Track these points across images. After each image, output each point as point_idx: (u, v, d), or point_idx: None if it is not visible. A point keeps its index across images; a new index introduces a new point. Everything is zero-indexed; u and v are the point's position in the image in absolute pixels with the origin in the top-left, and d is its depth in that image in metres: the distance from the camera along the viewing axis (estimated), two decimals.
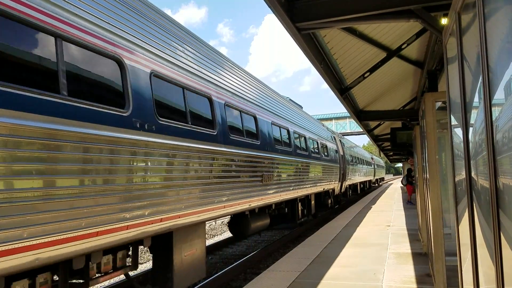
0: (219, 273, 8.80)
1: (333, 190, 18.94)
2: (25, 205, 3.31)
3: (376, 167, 47.04)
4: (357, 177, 27.96)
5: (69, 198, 3.69)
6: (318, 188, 15.38)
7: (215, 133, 6.76)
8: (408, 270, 7.01)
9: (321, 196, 17.31)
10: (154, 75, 5.28)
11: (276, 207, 11.35)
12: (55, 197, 3.55)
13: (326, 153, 16.94)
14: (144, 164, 4.88)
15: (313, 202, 15.43)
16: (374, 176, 45.07)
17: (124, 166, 4.51)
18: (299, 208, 13.48)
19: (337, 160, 19.49)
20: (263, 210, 10.43)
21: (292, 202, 12.86)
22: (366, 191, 37.62)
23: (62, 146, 3.62)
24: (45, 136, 3.47)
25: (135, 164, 4.72)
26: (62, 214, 3.62)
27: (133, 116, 4.68)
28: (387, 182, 72.65)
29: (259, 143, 8.85)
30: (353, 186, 29.09)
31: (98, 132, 4.10)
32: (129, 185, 4.54)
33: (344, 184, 21.61)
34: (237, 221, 9.68)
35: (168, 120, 5.42)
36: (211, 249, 12.18)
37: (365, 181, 36.58)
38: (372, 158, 43.16)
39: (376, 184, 52.10)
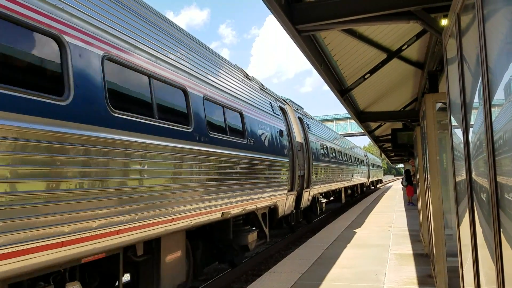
0: (221, 275, 8.79)
1: (275, 208, 10.18)
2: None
3: (371, 167, 39.45)
4: (334, 181, 18.49)
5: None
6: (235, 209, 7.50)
7: (190, 130, 5.88)
8: (409, 271, 7.00)
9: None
10: (108, 58, 4.45)
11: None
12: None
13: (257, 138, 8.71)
14: (86, 165, 3.93)
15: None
16: (369, 178, 36.70)
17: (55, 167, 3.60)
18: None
19: (288, 152, 10.71)
20: None
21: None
22: (355, 199, 28.65)
23: None
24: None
25: (70, 164, 3.75)
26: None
27: (73, 105, 3.83)
28: (387, 183, 70.04)
29: None
30: (337, 192, 21.08)
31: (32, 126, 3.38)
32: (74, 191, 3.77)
33: (307, 194, 13.22)
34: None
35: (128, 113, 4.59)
36: None
37: (354, 186, 27.17)
38: (365, 156, 36.04)
39: (372, 187, 44.22)
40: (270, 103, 10.56)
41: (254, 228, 9.21)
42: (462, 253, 3.06)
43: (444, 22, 5.26)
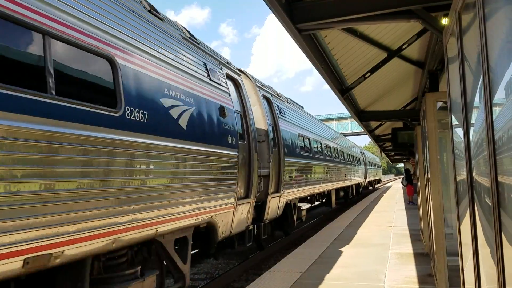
0: (222, 274, 8.80)
1: (213, 226, 6.74)
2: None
3: (369, 166, 36.47)
4: (321, 183, 15.19)
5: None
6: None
7: (118, 115, 4.30)
8: (410, 270, 7.00)
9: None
10: None
11: None
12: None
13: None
14: None
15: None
16: (366, 178, 33.04)
17: None
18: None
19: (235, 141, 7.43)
20: None
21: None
22: (350, 202, 25.18)
23: None
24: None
25: None
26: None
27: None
28: (386, 182, 69.42)
29: None
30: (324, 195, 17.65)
31: None
32: None
33: (275, 201, 9.84)
34: None
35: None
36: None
37: (348, 187, 23.69)
38: (362, 153, 32.98)
39: (370, 188, 41.10)
40: (205, 64, 7.01)
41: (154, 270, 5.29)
42: (462, 252, 3.05)
43: (444, 21, 5.25)
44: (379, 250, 8.81)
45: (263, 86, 10.80)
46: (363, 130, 20.23)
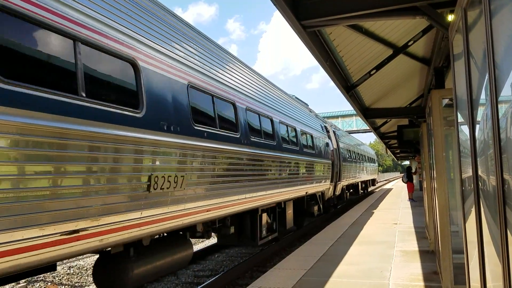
0: (226, 271, 8.82)
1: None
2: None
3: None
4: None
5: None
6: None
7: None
8: (415, 268, 6.99)
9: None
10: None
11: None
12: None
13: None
14: None
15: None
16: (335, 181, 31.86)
17: None
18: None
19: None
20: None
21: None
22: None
23: None
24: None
25: None
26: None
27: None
28: (392, 180, 68.58)
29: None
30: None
31: None
32: None
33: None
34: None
35: None
36: (218, 248, 12.22)
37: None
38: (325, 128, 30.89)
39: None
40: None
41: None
42: (468, 250, 3.04)
43: (450, 17, 5.22)
44: (384, 248, 8.79)
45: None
46: (368, 128, 20.23)
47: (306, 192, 12.40)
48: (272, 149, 9.04)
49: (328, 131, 16.99)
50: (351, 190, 24.32)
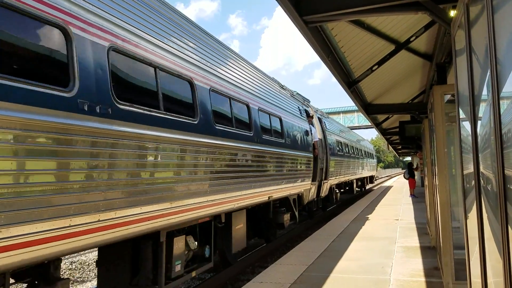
0: (227, 266, 8.85)
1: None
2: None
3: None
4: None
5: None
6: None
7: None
8: (416, 264, 7.00)
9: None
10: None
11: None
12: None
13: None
14: None
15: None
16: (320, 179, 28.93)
17: None
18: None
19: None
20: None
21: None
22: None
23: None
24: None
25: None
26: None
27: None
28: (392, 176, 68.26)
29: None
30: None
31: None
32: None
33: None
34: None
35: None
36: None
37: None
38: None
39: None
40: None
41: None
42: (469, 246, 3.05)
43: (452, 13, 5.19)
44: (386, 244, 8.81)
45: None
46: (370, 124, 20.14)
47: (270, 197, 8.97)
48: (194, 132, 5.83)
49: (310, 116, 13.50)
50: (343, 190, 21.11)
